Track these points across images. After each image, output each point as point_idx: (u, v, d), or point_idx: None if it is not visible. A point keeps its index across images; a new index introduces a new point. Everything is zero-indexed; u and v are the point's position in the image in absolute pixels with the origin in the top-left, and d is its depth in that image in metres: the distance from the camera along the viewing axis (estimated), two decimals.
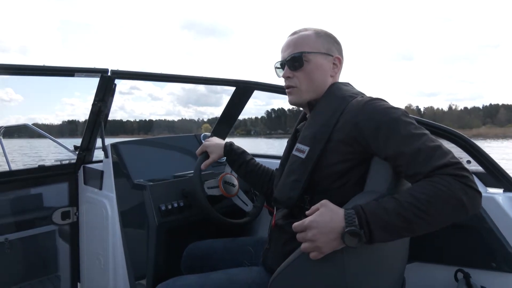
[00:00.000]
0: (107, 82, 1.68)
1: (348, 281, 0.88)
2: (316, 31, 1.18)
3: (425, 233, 0.83)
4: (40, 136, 2.90)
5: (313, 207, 0.89)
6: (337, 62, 1.17)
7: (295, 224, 0.89)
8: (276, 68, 1.24)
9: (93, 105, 1.77)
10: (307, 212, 0.90)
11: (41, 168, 2.03)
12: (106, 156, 1.84)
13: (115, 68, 1.66)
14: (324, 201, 0.89)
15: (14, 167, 2.66)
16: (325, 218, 0.85)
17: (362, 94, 1.10)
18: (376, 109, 0.96)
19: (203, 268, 1.38)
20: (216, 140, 1.57)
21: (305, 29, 1.19)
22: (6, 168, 2.46)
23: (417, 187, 0.83)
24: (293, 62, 1.15)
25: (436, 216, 0.80)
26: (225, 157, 1.53)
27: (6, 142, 2.78)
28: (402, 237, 0.85)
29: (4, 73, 1.53)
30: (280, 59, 1.21)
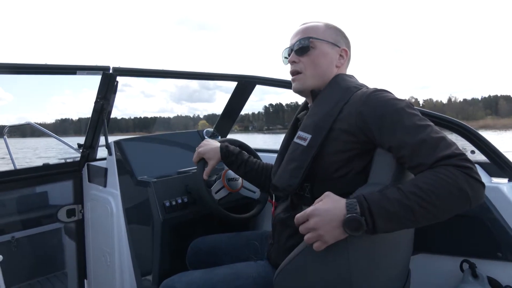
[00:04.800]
0: (109, 79, 1.68)
1: (352, 274, 0.88)
2: (326, 23, 1.19)
3: (429, 224, 0.83)
4: (41, 134, 2.91)
5: (317, 200, 0.90)
6: (344, 54, 1.18)
7: (298, 215, 0.89)
8: (284, 57, 1.25)
9: (96, 103, 1.77)
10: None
11: (46, 167, 2.04)
12: (110, 153, 1.85)
13: (115, 65, 1.67)
14: (327, 192, 0.89)
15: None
16: (327, 206, 0.86)
17: (366, 86, 1.10)
18: (381, 100, 0.97)
19: (208, 263, 1.38)
20: (210, 144, 1.52)
21: (316, 21, 1.20)
22: (11, 167, 2.47)
23: (421, 177, 0.83)
24: (299, 48, 1.16)
25: (440, 207, 0.80)
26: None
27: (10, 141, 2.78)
28: (405, 228, 0.85)
29: (5, 72, 1.53)
30: (287, 50, 1.22)
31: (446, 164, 0.82)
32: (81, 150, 2.04)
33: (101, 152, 2.07)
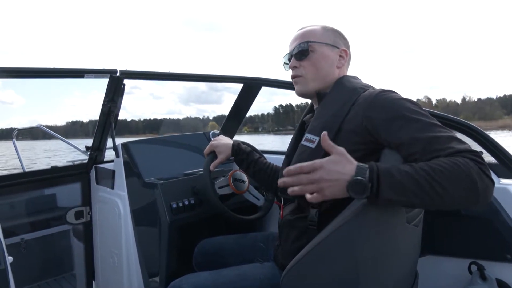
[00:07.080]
0: (116, 82, 1.70)
1: (360, 275, 0.87)
2: (323, 26, 1.20)
3: (433, 210, 0.80)
4: (50, 137, 2.94)
5: (328, 145, 0.86)
6: (344, 55, 1.18)
7: (304, 164, 0.84)
8: (284, 63, 1.26)
9: (103, 105, 1.79)
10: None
11: (54, 169, 2.07)
12: (117, 155, 1.86)
13: (122, 68, 1.68)
14: (342, 150, 0.85)
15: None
16: (338, 164, 0.83)
17: (372, 87, 1.10)
18: (389, 100, 0.96)
19: (214, 264, 1.39)
20: (223, 139, 1.55)
21: (313, 25, 1.21)
22: (20, 170, 2.50)
23: (436, 160, 0.82)
24: (299, 52, 1.17)
25: (448, 190, 0.77)
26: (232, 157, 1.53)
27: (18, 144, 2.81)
28: (407, 204, 0.83)
29: (15, 76, 1.55)
30: (287, 56, 1.24)
31: (461, 155, 0.81)
32: (89, 153, 2.06)
33: (109, 155, 2.09)
